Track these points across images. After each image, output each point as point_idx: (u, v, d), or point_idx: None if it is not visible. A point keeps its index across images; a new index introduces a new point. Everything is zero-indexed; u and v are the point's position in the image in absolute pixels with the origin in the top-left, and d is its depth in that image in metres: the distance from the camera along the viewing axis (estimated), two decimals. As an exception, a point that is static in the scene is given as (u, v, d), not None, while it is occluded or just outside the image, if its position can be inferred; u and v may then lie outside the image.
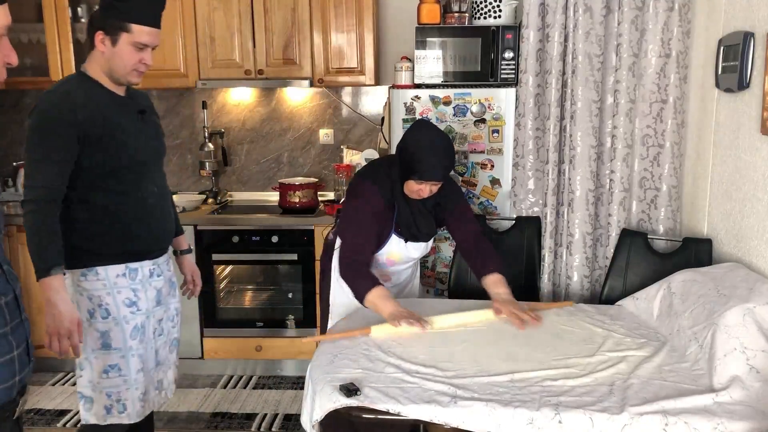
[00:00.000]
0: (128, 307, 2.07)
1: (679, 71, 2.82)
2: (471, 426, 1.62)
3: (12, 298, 1.29)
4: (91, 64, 2.02)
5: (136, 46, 1.98)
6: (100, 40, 1.97)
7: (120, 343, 2.05)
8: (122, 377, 2.07)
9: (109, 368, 2.05)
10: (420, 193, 2.28)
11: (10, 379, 1.27)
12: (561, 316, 2.29)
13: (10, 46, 1.27)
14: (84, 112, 1.93)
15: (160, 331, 2.21)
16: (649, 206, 2.95)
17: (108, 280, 2.03)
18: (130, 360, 2.07)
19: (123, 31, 1.95)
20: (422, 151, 2.20)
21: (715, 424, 1.57)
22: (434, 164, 2.21)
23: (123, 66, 1.99)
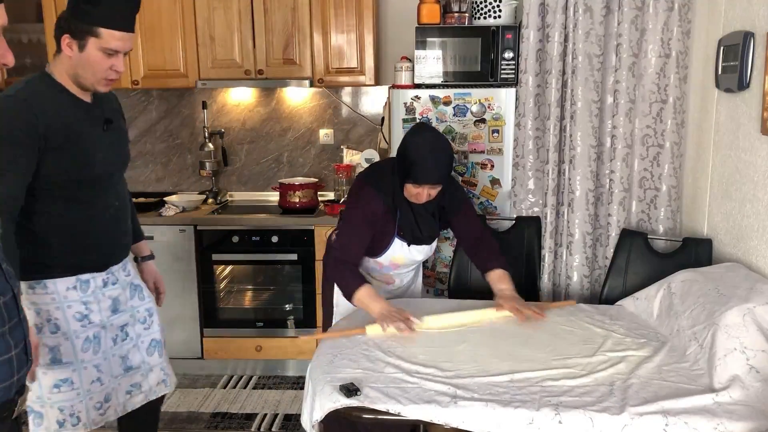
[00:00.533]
0: (79, 321, 1.95)
1: (679, 71, 2.82)
2: (471, 426, 1.62)
3: (10, 297, 1.29)
4: (57, 67, 1.88)
5: (106, 52, 1.82)
6: (66, 44, 1.82)
7: (71, 356, 1.94)
8: (75, 390, 1.95)
9: (60, 382, 1.94)
10: (418, 197, 2.27)
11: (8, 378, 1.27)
12: (561, 316, 2.29)
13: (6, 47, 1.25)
14: (45, 118, 1.79)
15: (123, 337, 2.09)
16: (649, 206, 2.95)
17: (57, 294, 1.91)
18: (82, 372, 1.96)
19: (91, 36, 1.80)
20: (419, 156, 2.19)
21: (715, 424, 1.57)
22: (430, 168, 2.19)
23: (92, 73, 1.85)
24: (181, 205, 3.60)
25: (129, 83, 3.60)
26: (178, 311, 3.48)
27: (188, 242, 3.45)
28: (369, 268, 2.51)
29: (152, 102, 3.96)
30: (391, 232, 2.38)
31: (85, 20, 1.79)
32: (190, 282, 3.47)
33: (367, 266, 2.49)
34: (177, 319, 3.48)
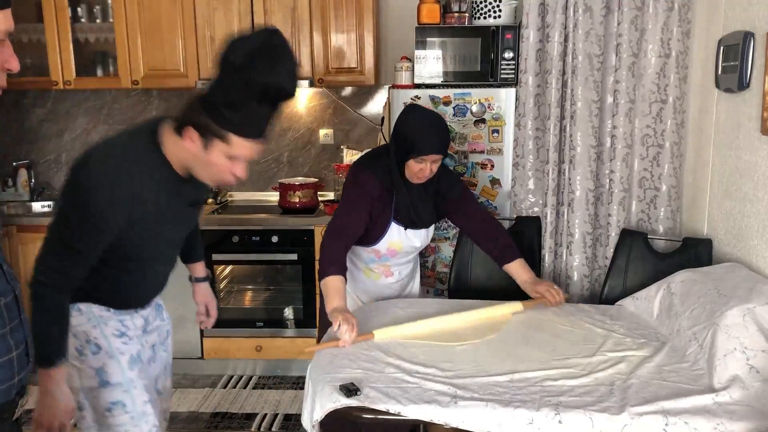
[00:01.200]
0: (119, 338, 1.84)
1: (679, 71, 2.82)
2: (471, 426, 1.62)
3: (12, 298, 1.29)
4: (171, 146, 1.65)
5: (230, 157, 1.62)
6: (188, 137, 1.59)
7: (119, 377, 1.82)
8: (128, 414, 1.83)
9: (111, 405, 1.81)
10: (422, 173, 2.28)
11: (9, 380, 1.26)
12: (561, 317, 2.29)
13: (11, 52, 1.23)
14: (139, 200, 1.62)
15: (153, 358, 1.99)
16: (649, 206, 2.95)
17: (92, 314, 1.80)
18: (133, 393, 1.83)
19: (220, 140, 1.58)
20: (418, 129, 2.24)
21: (715, 424, 1.57)
22: (431, 139, 2.24)
23: (207, 173, 1.67)
24: (181, 205, 3.59)
25: (129, 83, 3.60)
26: (178, 311, 3.45)
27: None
28: (367, 260, 2.49)
29: (152, 102, 3.96)
30: (388, 217, 2.38)
31: (219, 123, 1.56)
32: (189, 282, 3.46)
33: (365, 258, 2.48)
34: (177, 320, 3.44)
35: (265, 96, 1.56)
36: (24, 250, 3.52)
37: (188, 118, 1.60)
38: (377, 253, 2.46)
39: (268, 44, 1.53)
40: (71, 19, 3.59)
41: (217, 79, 1.58)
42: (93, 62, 3.76)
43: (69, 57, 3.60)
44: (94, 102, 3.98)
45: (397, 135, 2.30)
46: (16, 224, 3.49)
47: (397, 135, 2.30)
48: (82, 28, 3.68)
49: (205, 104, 1.58)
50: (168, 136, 1.66)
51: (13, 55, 1.23)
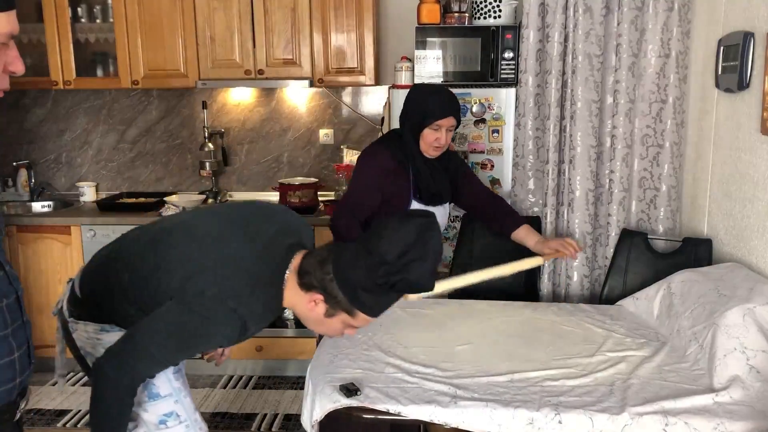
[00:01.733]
0: None
1: (679, 71, 2.82)
2: (471, 426, 1.62)
3: (14, 299, 1.29)
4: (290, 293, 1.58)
5: (348, 325, 1.59)
6: (314, 300, 1.54)
7: (168, 388, 1.79)
8: (183, 423, 1.81)
9: (165, 417, 1.78)
10: (438, 142, 2.32)
11: (10, 381, 1.26)
12: (561, 316, 2.29)
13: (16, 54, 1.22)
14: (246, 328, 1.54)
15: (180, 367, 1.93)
16: (649, 206, 2.95)
17: None
18: (184, 402, 1.82)
19: (346, 314, 1.54)
20: (429, 96, 2.32)
21: (715, 424, 1.58)
22: (443, 102, 2.31)
23: (320, 330, 1.64)
24: (181, 205, 3.59)
25: (129, 83, 3.60)
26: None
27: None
28: None
29: (152, 102, 3.96)
30: (408, 195, 2.39)
31: (352, 301, 1.52)
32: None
33: None
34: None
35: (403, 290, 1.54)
36: (24, 250, 3.52)
37: (321, 285, 1.52)
38: None
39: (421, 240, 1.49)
40: (71, 19, 3.59)
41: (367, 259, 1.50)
42: (93, 62, 3.76)
43: (69, 57, 3.60)
44: (94, 102, 3.98)
45: (408, 108, 2.35)
46: (16, 224, 3.49)
47: (408, 108, 2.35)
48: (82, 28, 3.68)
49: (342, 280, 1.51)
50: (292, 283, 1.57)
51: (18, 57, 1.23)
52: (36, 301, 3.53)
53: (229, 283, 1.49)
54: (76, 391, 3.44)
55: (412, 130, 2.34)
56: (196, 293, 1.48)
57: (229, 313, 1.48)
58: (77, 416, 3.18)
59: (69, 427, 3.09)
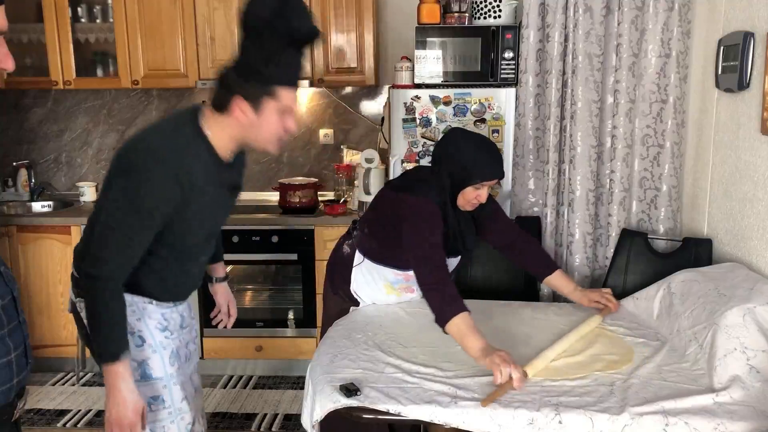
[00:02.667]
0: (162, 331, 1.85)
1: (679, 71, 2.82)
2: (471, 426, 1.62)
3: (10, 300, 1.29)
4: (216, 127, 1.66)
5: (282, 112, 1.63)
6: (238, 107, 1.60)
7: (160, 371, 1.83)
8: (167, 409, 1.84)
9: (152, 400, 1.82)
10: (479, 199, 2.18)
11: (7, 381, 1.26)
12: (561, 316, 2.29)
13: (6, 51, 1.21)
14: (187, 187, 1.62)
15: (189, 355, 2.01)
16: (649, 206, 2.95)
17: (136, 306, 1.80)
18: (173, 389, 1.85)
19: (269, 97, 1.59)
20: (477, 154, 2.14)
21: (715, 424, 1.57)
22: (492, 162, 2.15)
23: (265, 136, 1.66)
24: (181, 205, 3.59)
25: (129, 83, 3.60)
26: (178, 311, 3.48)
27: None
28: (394, 281, 2.36)
29: (152, 102, 3.96)
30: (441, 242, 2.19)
31: (264, 81, 1.59)
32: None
33: (391, 279, 2.35)
34: (177, 319, 3.48)
35: (295, 41, 1.59)
36: (24, 250, 3.52)
37: (231, 91, 1.60)
38: (407, 277, 2.33)
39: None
40: (71, 19, 3.58)
41: (245, 41, 1.59)
42: (93, 62, 3.76)
43: (69, 57, 3.60)
44: (94, 102, 3.98)
45: (453, 161, 2.16)
46: (16, 224, 3.49)
47: (453, 161, 2.16)
48: (82, 28, 3.68)
49: (242, 70, 1.59)
50: (210, 119, 1.67)
51: (8, 54, 1.22)
52: (36, 302, 3.53)
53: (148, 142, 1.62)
54: (76, 391, 3.44)
55: (453, 184, 2.17)
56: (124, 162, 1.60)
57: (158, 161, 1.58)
58: (77, 416, 3.18)
59: (69, 427, 3.09)
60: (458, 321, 1.89)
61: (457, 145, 2.18)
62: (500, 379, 1.72)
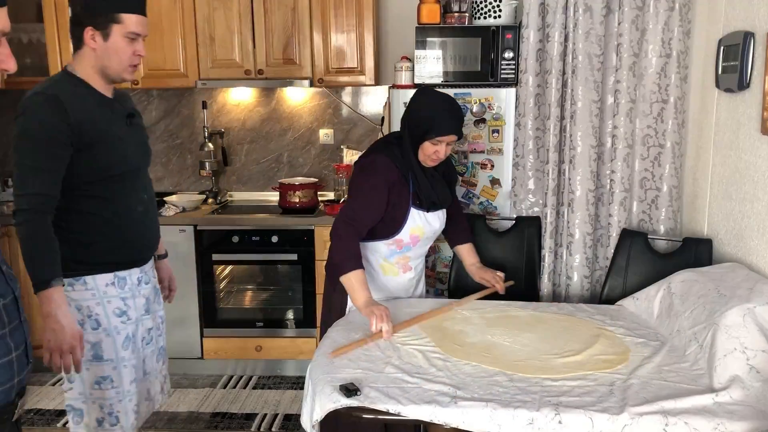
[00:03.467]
0: (119, 317, 1.99)
1: (680, 71, 2.82)
2: (471, 426, 1.62)
3: (11, 299, 1.29)
4: (80, 63, 1.90)
5: (129, 37, 1.87)
6: (90, 37, 1.84)
7: (112, 354, 1.97)
8: (115, 389, 1.99)
9: (101, 380, 1.96)
10: (437, 155, 2.29)
11: (8, 381, 1.26)
12: (561, 317, 2.29)
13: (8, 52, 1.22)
14: (75, 115, 1.82)
15: (148, 340, 2.12)
16: (650, 206, 2.95)
17: (97, 290, 1.95)
18: (122, 371, 1.99)
19: (114, 23, 1.84)
20: (435, 110, 2.27)
21: (715, 424, 1.57)
22: (449, 119, 2.26)
23: (118, 61, 1.89)
24: (181, 205, 3.60)
25: (129, 83, 3.59)
26: (178, 311, 3.48)
27: (188, 242, 3.45)
28: (387, 254, 2.41)
29: (152, 102, 3.96)
30: (407, 202, 2.35)
31: (108, 9, 1.83)
32: (190, 282, 3.47)
33: (385, 252, 2.41)
34: (177, 319, 3.48)
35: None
36: (24, 250, 3.51)
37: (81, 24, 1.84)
38: (399, 243, 2.40)
39: None
40: (71, 19, 3.58)
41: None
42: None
43: (69, 57, 3.59)
44: (94, 102, 3.97)
45: (413, 117, 2.31)
46: (16, 224, 3.49)
47: (413, 117, 2.31)
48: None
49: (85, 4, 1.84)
50: (76, 61, 1.90)
51: (10, 55, 1.22)
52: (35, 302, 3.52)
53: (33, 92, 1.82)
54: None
55: (413, 139, 2.30)
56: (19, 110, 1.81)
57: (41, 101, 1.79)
58: (77, 416, 3.18)
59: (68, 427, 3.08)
60: (352, 275, 2.18)
61: (419, 101, 2.32)
62: (374, 327, 2.02)
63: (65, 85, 1.86)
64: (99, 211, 1.94)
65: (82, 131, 1.83)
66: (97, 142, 1.87)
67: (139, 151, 2.05)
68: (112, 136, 1.92)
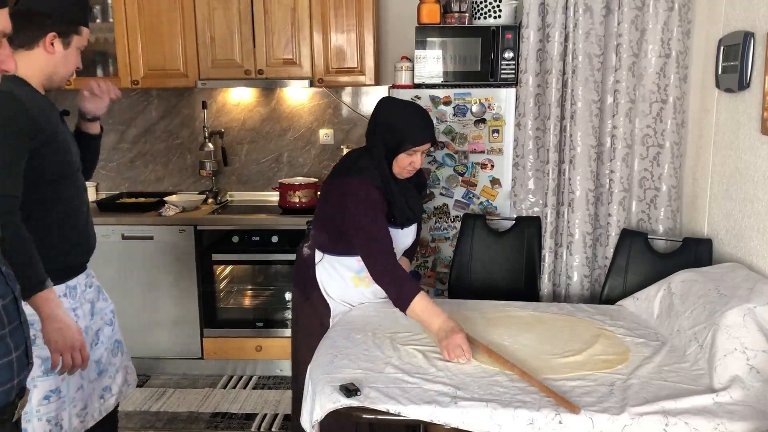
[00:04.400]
0: None
1: (679, 71, 2.82)
2: (471, 426, 1.62)
3: (11, 300, 1.29)
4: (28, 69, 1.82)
5: (80, 49, 1.92)
6: (50, 43, 1.82)
7: None
8: (61, 399, 1.91)
9: (50, 393, 1.88)
10: (413, 165, 2.22)
11: (8, 381, 1.26)
12: (561, 317, 2.29)
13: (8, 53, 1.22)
14: (35, 110, 1.77)
15: (96, 341, 2.05)
16: (649, 206, 2.95)
17: None
18: (69, 380, 1.92)
19: (76, 34, 1.88)
20: (406, 120, 2.18)
21: (715, 424, 1.57)
22: (423, 127, 2.19)
23: (66, 71, 1.91)
24: (181, 205, 3.60)
25: (129, 83, 3.60)
26: (178, 311, 3.48)
27: (188, 242, 3.45)
28: (358, 269, 2.28)
29: (152, 102, 3.96)
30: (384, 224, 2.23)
31: (77, 20, 1.89)
32: (189, 282, 3.47)
33: (356, 267, 2.29)
34: (177, 319, 3.48)
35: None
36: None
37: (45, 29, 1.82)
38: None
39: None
40: (71, 19, 3.58)
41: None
42: (93, 62, 3.76)
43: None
44: (94, 102, 3.97)
45: (385, 130, 2.20)
46: (16, 224, 3.49)
47: (385, 130, 2.20)
48: (82, 28, 3.67)
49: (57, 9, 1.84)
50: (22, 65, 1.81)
51: (10, 55, 1.23)
52: (36, 301, 3.52)
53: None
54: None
55: (387, 152, 2.20)
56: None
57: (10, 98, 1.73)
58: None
59: (69, 427, 3.09)
60: (416, 303, 2.02)
61: (389, 112, 2.22)
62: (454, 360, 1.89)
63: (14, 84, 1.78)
64: (49, 215, 1.87)
65: (42, 128, 1.78)
66: (52, 141, 1.82)
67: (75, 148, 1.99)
68: (61, 135, 1.88)
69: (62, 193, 1.90)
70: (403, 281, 2.07)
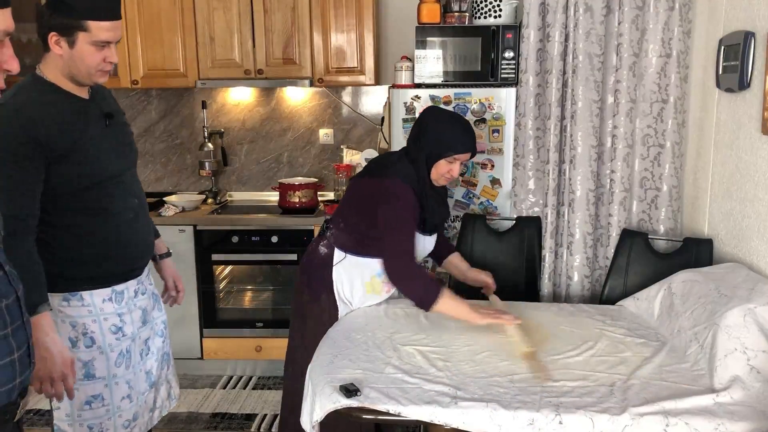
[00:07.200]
0: (114, 333, 1.89)
1: (680, 71, 2.81)
2: (471, 426, 1.62)
3: (14, 299, 1.29)
4: (48, 66, 1.77)
5: (97, 45, 1.72)
6: (54, 42, 1.72)
7: (104, 371, 1.87)
8: (105, 407, 1.88)
9: (92, 399, 1.86)
10: (452, 173, 2.28)
11: (10, 381, 1.26)
12: (561, 317, 2.29)
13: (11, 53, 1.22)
14: (44, 127, 1.70)
15: (146, 351, 2.03)
16: (650, 206, 2.94)
17: (94, 306, 1.85)
18: (113, 388, 1.89)
19: (79, 31, 1.70)
20: (449, 128, 2.25)
21: (715, 424, 1.57)
22: (467, 138, 2.26)
23: (86, 68, 1.75)
24: (180, 205, 3.59)
25: (129, 83, 3.60)
26: (177, 311, 3.45)
27: (188, 242, 3.45)
28: (376, 272, 2.30)
29: (152, 102, 3.95)
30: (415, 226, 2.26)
31: (71, 15, 1.68)
32: (189, 282, 3.47)
33: (377, 269, 2.29)
34: (177, 320, 3.47)
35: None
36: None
37: (45, 26, 1.71)
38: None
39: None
40: (71, 19, 3.58)
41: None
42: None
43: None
44: (94, 102, 3.97)
45: (429, 136, 2.25)
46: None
47: (429, 136, 2.25)
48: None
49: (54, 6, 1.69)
50: (44, 63, 1.77)
51: (13, 56, 1.22)
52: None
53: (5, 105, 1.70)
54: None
55: (428, 158, 2.25)
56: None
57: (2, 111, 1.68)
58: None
59: (69, 427, 3.08)
60: (442, 301, 2.10)
61: (434, 119, 2.29)
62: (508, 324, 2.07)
63: (31, 93, 1.74)
64: (85, 223, 1.82)
65: (53, 141, 1.71)
66: (71, 152, 1.75)
67: (121, 153, 1.92)
68: (87, 142, 1.79)
69: (92, 201, 1.83)
70: (427, 282, 2.15)
